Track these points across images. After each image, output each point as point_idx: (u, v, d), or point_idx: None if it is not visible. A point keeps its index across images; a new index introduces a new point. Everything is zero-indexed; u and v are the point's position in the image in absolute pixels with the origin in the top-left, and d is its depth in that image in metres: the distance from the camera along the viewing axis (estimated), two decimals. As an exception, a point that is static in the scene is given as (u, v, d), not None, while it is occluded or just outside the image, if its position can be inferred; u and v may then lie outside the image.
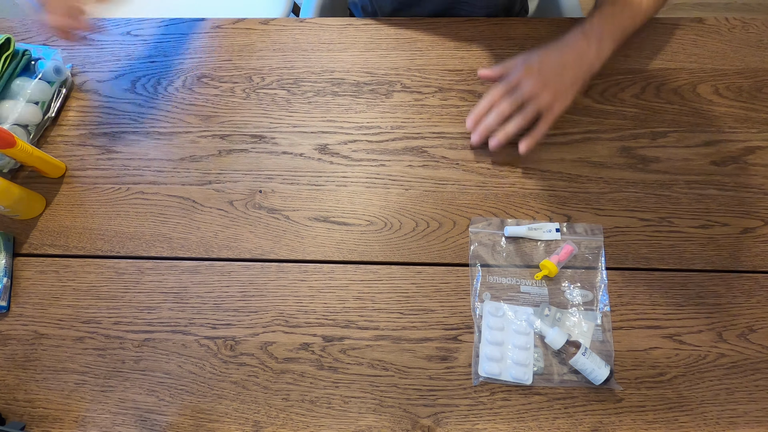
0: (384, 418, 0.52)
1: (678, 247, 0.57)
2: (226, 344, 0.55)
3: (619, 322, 0.54)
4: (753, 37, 0.67)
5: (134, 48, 0.71)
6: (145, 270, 0.59)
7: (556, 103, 0.58)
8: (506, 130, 0.58)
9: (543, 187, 0.60)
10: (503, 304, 0.55)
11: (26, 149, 0.57)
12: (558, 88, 0.58)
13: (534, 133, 0.58)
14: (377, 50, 0.69)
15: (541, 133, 0.59)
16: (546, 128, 0.59)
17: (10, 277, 0.59)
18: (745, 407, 0.51)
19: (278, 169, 0.63)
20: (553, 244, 0.57)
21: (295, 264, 0.58)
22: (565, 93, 0.59)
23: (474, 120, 0.60)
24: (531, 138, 0.58)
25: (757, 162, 0.61)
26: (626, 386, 0.52)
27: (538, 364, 0.53)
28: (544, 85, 0.58)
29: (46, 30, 0.58)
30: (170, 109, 0.67)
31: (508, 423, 0.51)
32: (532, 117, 0.58)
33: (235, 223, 0.60)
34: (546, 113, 0.58)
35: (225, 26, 0.72)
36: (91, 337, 0.56)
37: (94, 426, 0.53)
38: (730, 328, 0.54)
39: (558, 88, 0.58)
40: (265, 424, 0.52)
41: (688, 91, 0.64)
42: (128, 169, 0.64)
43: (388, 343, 0.55)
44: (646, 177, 0.60)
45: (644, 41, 0.67)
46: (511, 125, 0.58)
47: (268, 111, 0.66)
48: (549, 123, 0.59)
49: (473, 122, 0.60)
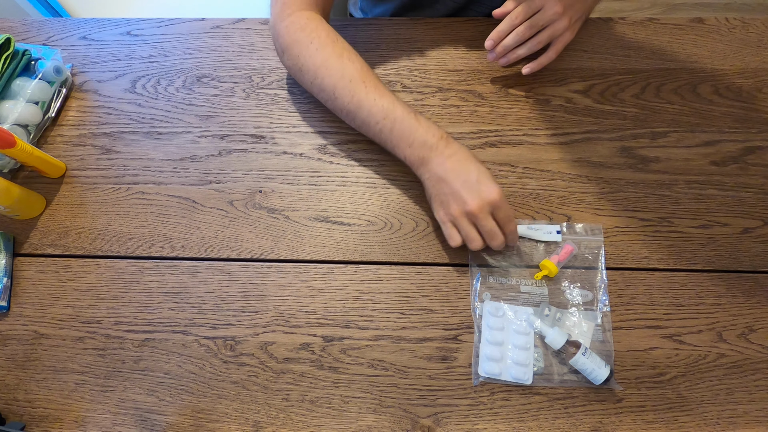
0: (384, 418, 0.52)
1: (678, 247, 0.57)
2: (226, 344, 0.55)
3: (619, 322, 0.54)
4: (753, 37, 0.67)
5: (134, 48, 0.71)
6: (145, 270, 0.59)
7: (567, 32, 0.61)
8: (518, 52, 0.62)
9: (543, 187, 0.60)
10: (503, 304, 0.55)
11: (26, 149, 0.57)
12: (572, 18, 0.61)
13: (541, 59, 0.62)
14: (377, 50, 0.69)
15: (548, 59, 0.62)
16: (554, 56, 0.62)
17: (10, 277, 0.59)
18: (745, 407, 0.51)
19: (278, 169, 0.63)
20: (553, 244, 0.57)
21: (295, 264, 0.58)
22: (574, 25, 0.62)
23: (494, 40, 0.61)
24: (537, 63, 0.62)
25: (757, 162, 0.61)
26: (626, 386, 0.52)
27: (538, 364, 0.53)
28: (564, 11, 0.59)
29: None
30: (170, 109, 0.67)
31: (508, 423, 0.51)
32: (545, 44, 0.61)
33: (235, 223, 0.60)
34: (556, 41, 0.62)
35: (225, 26, 0.72)
36: (91, 337, 0.56)
37: (94, 426, 0.53)
38: (730, 328, 0.54)
39: (572, 17, 0.61)
40: (265, 424, 0.52)
41: (688, 91, 0.64)
42: (128, 169, 0.64)
43: (388, 343, 0.55)
44: (646, 177, 0.60)
45: (644, 41, 0.67)
46: (522, 49, 0.61)
47: (268, 111, 0.66)
48: (557, 51, 0.62)
49: (493, 42, 0.61)
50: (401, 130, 0.54)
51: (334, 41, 0.57)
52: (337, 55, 0.56)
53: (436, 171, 0.53)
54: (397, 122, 0.54)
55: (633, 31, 0.68)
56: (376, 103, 0.54)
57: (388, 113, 0.54)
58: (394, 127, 0.54)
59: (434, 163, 0.53)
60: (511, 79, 0.66)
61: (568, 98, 0.65)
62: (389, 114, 0.54)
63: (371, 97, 0.54)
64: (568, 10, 0.60)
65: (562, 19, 0.60)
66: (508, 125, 0.64)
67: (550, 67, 0.66)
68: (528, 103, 0.65)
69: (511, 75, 0.66)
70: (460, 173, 0.52)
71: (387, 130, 0.54)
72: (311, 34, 0.57)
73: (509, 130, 0.63)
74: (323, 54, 0.56)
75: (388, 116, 0.54)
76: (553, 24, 0.60)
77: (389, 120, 0.54)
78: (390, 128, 0.54)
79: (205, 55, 0.70)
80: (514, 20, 0.59)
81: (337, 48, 0.56)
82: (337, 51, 0.56)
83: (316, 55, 0.56)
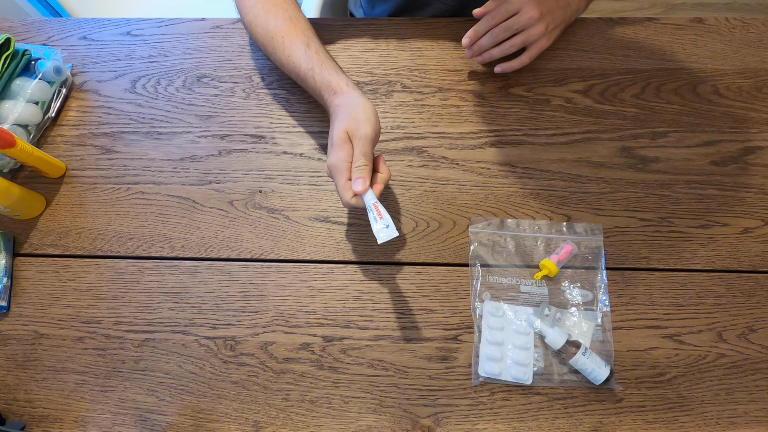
0: (384, 418, 0.52)
1: (678, 247, 0.57)
2: (226, 344, 0.55)
3: (619, 322, 0.54)
4: (753, 37, 0.67)
5: (134, 48, 0.71)
6: (145, 270, 0.59)
7: (543, 38, 0.62)
8: (492, 53, 0.63)
9: (543, 187, 0.60)
10: (503, 304, 0.55)
11: (26, 149, 0.57)
12: (549, 25, 0.61)
13: (513, 63, 0.63)
14: (377, 50, 0.69)
15: (521, 63, 0.63)
16: (527, 61, 0.63)
17: (10, 277, 0.59)
18: (745, 407, 0.51)
19: (278, 169, 0.63)
20: (553, 243, 0.57)
21: (295, 264, 0.58)
22: (552, 32, 0.63)
23: (471, 38, 0.62)
24: (508, 65, 0.63)
25: (757, 162, 0.61)
26: (626, 386, 0.52)
27: (538, 364, 0.53)
28: (541, 17, 0.60)
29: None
30: (170, 109, 0.67)
31: (508, 423, 0.51)
32: (518, 48, 0.62)
33: (235, 223, 0.60)
34: (531, 47, 0.62)
35: (225, 26, 0.72)
36: (91, 337, 0.56)
37: (94, 426, 0.53)
38: (730, 328, 0.54)
39: (549, 24, 0.61)
40: (265, 424, 0.52)
41: (688, 91, 0.64)
42: (128, 169, 0.64)
43: (388, 343, 0.55)
44: (646, 177, 0.60)
45: (644, 41, 0.67)
46: (496, 50, 0.62)
47: (268, 111, 0.66)
48: (531, 57, 0.63)
49: (470, 41, 0.62)
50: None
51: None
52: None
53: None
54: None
55: (633, 31, 0.68)
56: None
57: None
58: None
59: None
60: (511, 79, 0.66)
61: (568, 98, 0.65)
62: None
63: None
64: (546, 16, 0.60)
65: (538, 25, 0.60)
66: (508, 125, 0.64)
67: (550, 67, 0.66)
68: (528, 103, 0.65)
69: (512, 75, 0.66)
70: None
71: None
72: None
73: (509, 130, 0.63)
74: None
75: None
76: (529, 29, 0.60)
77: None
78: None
79: (205, 55, 0.70)
80: (490, 21, 0.60)
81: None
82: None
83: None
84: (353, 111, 0.51)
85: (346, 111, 0.52)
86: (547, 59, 0.66)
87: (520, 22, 0.60)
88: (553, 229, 0.58)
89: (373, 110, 0.51)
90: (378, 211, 0.48)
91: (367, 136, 0.49)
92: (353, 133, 0.50)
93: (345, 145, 0.50)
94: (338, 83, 0.55)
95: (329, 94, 0.55)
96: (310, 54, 0.57)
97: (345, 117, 0.51)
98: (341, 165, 0.49)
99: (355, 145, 0.49)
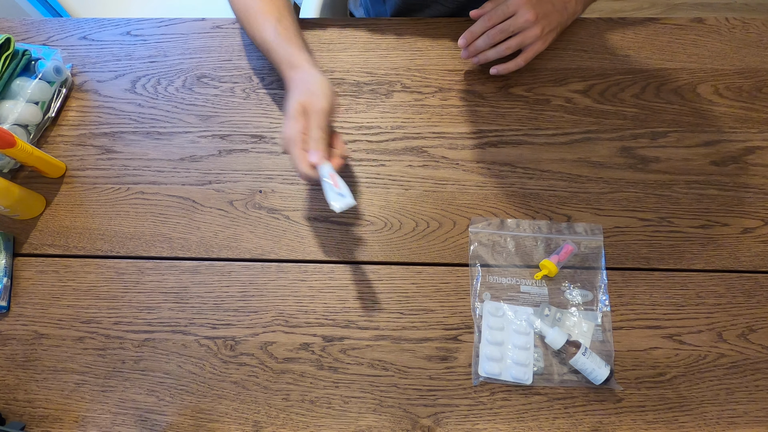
0: (384, 418, 0.52)
1: (678, 247, 0.57)
2: (226, 344, 0.55)
3: (619, 322, 0.54)
4: (753, 37, 0.67)
5: (134, 48, 0.71)
6: (145, 270, 0.59)
7: (539, 41, 0.62)
8: (487, 55, 0.62)
9: (543, 187, 0.60)
10: (503, 304, 0.55)
11: (26, 149, 0.57)
12: (545, 27, 0.61)
13: (509, 65, 0.63)
14: (377, 50, 0.69)
15: (516, 66, 0.63)
16: (523, 63, 0.63)
17: (10, 277, 0.59)
18: (745, 407, 0.51)
19: (278, 169, 0.63)
20: (553, 243, 0.57)
21: (295, 264, 0.58)
22: (547, 35, 0.63)
23: (467, 39, 0.62)
24: (504, 67, 0.63)
25: (757, 162, 0.61)
26: (626, 386, 0.52)
27: (538, 364, 0.53)
28: (537, 20, 0.60)
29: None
30: (170, 109, 0.67)
31: (508, 423, 0.51)
32: (514, 50, 0.62)
33: (235, 223, 0.60)
34: (527, 49, 0.62)
35: (225, 26, 0.72)
36: (91, 337, 0.56)
37: (94, 426, 0.53)
38: (730, 328, 0.54)
39: (545, 27, 0.61)
40: (265, 424, 0.52)
41: (688, 91, 0.64)
42: (128, 169, 0.64)
43: (388, 343, 0.55)
44: (646, 177, 0.60)
45: (644, 41, 0.67)
46: (492, 51, 0.62)
47: (268, 111, 0.66)
48: (527, 59, 0.63)
49: (466, 41, 0.62)
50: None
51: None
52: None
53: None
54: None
55: (633, 31, 0.68)
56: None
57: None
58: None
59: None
60: (511, 79, 0.66)
61: (568, 98, 0.65)
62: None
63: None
64: (542, 19, 0.60)
65: (533, 28, 0.60)
66: (508, 125, 0.64)
67: (550, 67, 0.66)
68: (528, 103, 0.65)
69: (512, 75, 0.66)
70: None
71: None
72: None
73: (509, 130, 0.63)
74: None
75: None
76: (524, 31, 0.60)
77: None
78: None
79: (205, 55, 0.70)
80: (486, 23, 0.60)
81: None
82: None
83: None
84: (309, 85, 0.52)
85: (302, 85, 0.53)
86: (547, 59, 0.66)
87: (516, 24, 0.59)
88: (553, 229, 0.58)
89: (329, 85, 0.52)
90: (335, 182, 0.48)
91: (322, 109, 0.50)
92: (309, 106, 0.51)
93: (300, 117, 0.51)
94: (299, 59, 0.56)
95: (288, 68, 0.56)
96: (279, 29, 0.58)
97: (301, 90, 0.52)
98: (296, 136, 0.50)
99: (311, 117, 0.50)
